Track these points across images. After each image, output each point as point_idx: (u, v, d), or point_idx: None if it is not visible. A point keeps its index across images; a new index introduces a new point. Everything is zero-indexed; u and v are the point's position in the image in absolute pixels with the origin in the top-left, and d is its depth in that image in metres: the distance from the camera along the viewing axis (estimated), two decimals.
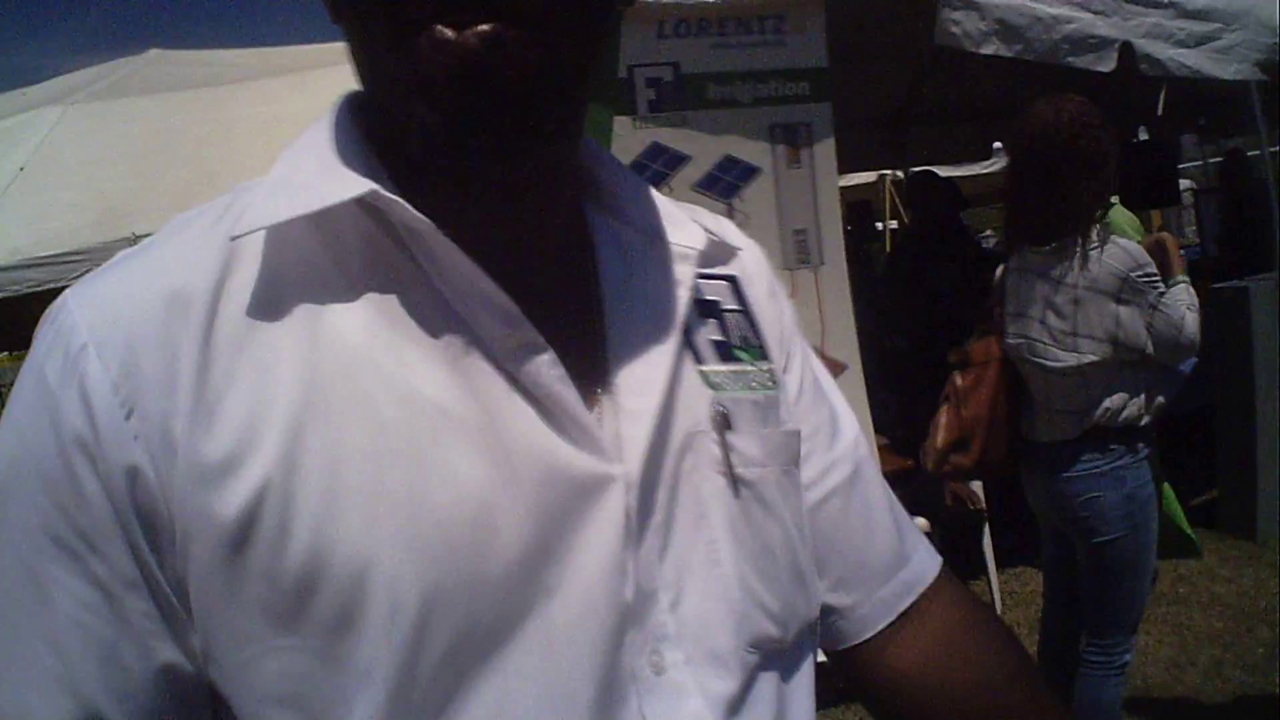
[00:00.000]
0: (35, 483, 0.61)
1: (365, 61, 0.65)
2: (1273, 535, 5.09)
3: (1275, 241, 5.17)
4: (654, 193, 0.83)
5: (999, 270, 3.06)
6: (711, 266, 0.83)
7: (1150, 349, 2.72)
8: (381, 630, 0.60)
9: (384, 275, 0.66)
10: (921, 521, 4.23)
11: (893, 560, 0.89)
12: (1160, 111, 5.40)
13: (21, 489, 0.61)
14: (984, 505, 4.36)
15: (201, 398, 0.60)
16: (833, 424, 0.88)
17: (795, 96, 3.57)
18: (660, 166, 3.37)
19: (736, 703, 0.70)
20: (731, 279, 0.85)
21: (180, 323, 0.62)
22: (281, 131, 5.83)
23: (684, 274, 0.78)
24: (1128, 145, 6.44)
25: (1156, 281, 2.71)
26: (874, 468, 0.91)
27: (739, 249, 0.88)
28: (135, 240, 4.20)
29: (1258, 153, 5.89)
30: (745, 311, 0.84)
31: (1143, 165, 4.90)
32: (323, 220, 0.64)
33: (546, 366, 0.66)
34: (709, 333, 0.80)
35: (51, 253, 5.87)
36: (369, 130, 0.70)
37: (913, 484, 4.05)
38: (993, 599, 4.62)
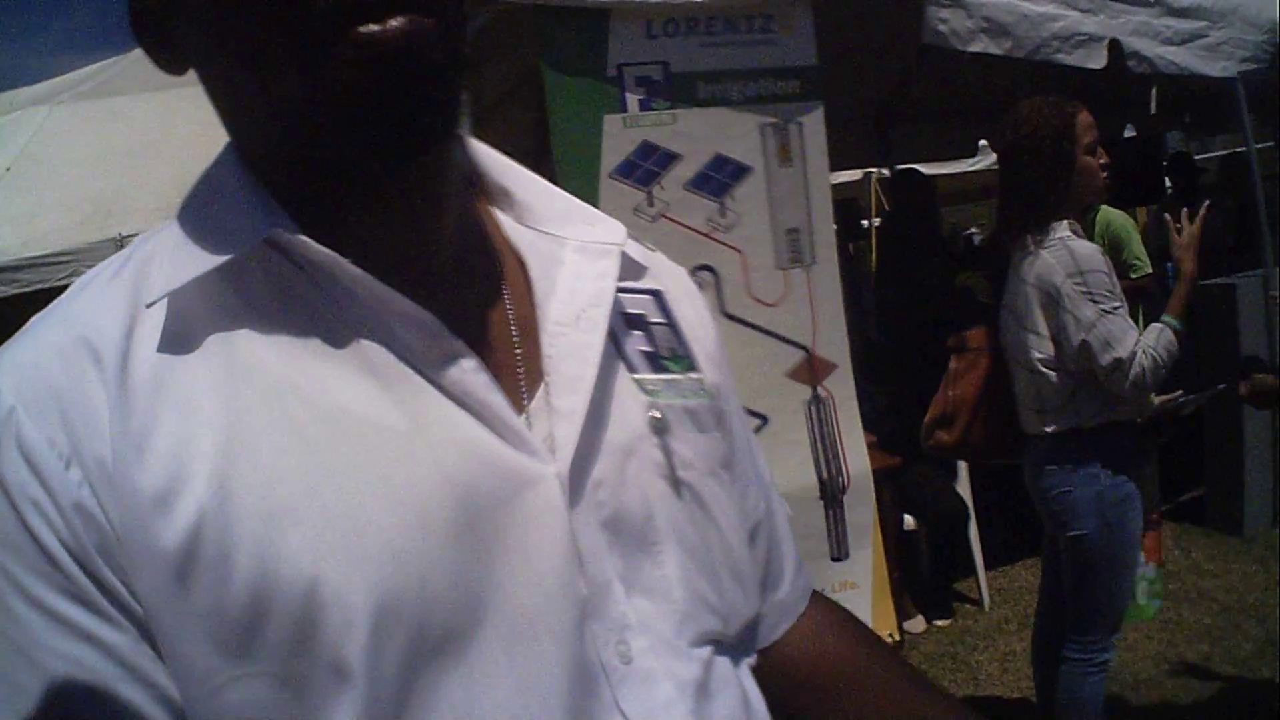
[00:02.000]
0: (4, 556, 0.60)
1: (255, 90, 0.64)
2: (1259, 531, 5.12)
3: (1263, 239, 5.19)
4: (565, 195, 0.85)
5: None
6: (634, 281, 0.84)
7: (1080, 363, 2.73)
8: (339, 645, 0.60)
9: (295, 307, 0.67)
10: (909, 519, 4.26)
11: (793, 572, 0.96)
12: (1153, 110, 5.43)
13: None
14: (970, 503, 4.38)
15: (127, 436, 0.61)
16: (753, 461, 0.93)
17: (786, 95, 3.57)
18: (651, 165, 3.37)
19: (704, 687, 0.73)
20: (655, 293, 0.86)
21: (90, 369, 0.63)
22: None
23: (607, 268, 0.79)
24: (1113, 143, 6.48)
25: (1099, 295, 2.67)
26: (781, 507, 0.98)
27: (660, 265, 0.90)
28: (122, 241, 4.21)
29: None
30: (671, 325, 0.85)
31: (1129, 162, 4.93)
32: (227, 267, 0.65)
33: (471, 373, 0.67)
34: (637, 343, 0.82)
35: (38, 254, 5.85)
36: (257, 172, 0.70)
37: (901, 481, 4.06)
38: (980, 596, 4.64)
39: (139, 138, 6.73)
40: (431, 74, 0.62)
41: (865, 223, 9.18)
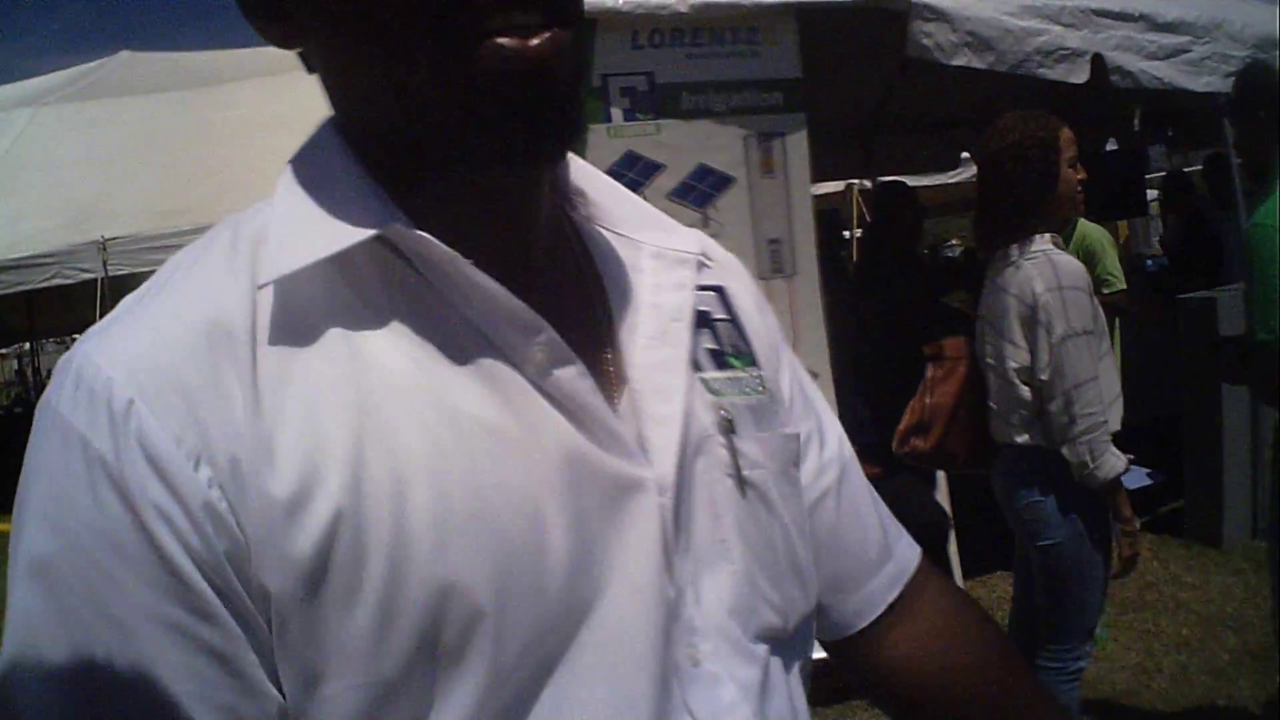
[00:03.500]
0: (114, 563, 0.57)
1: (381, 77, 0.63)
2: (1238, 542, 5.14)
3: (1244, 251, 5.22)
4: (641, 201, 0.85)
5: None
6: (700, 278, 0.83)
7: (1045, 380, 2.70)
8: (462, 648, 0.60)
9: (407, 302, 0.66)
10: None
11: (880, 554, 0.93)
12: (1137, 126, 5.45)
13: (96, 574, 0.57)
14: (950, 512, 4.39)
15: (258, 436, 0.59)
16: (820, 429, 0.91)
17: (769, 106, 3.59)
18: (635, 175, 3.38)
19: (762, 689, 0.73)
20: (718, 289, 0.86)
21: (226, 359, 0.60)
22: (250, 136, 5.84)
23: (685, 278, 0.80)
24: (1095, 157, 6.51)
25: (1073, 314, 2.65)
26: (857, 466, 0.95)
27: (722, 261, 0.90)
28: (104, 244, 4.19)
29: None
30: (734, 321, 0.85)
31: (1110, 176, 4.95)
32: (338, 256, 0.63)
33: (576, 377, 0.67)
34: (704, 341, 0.81)
35: (20, 255, 5.84)
36: (365, 158, 0.69)
37: (881, 490, 4.04)
38: None
39: (123, 141, 6.74)
40: (565, 87, 0.62)
41: (846, 233, 9.22)
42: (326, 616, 0.58)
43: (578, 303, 0.75)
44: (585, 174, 0.83)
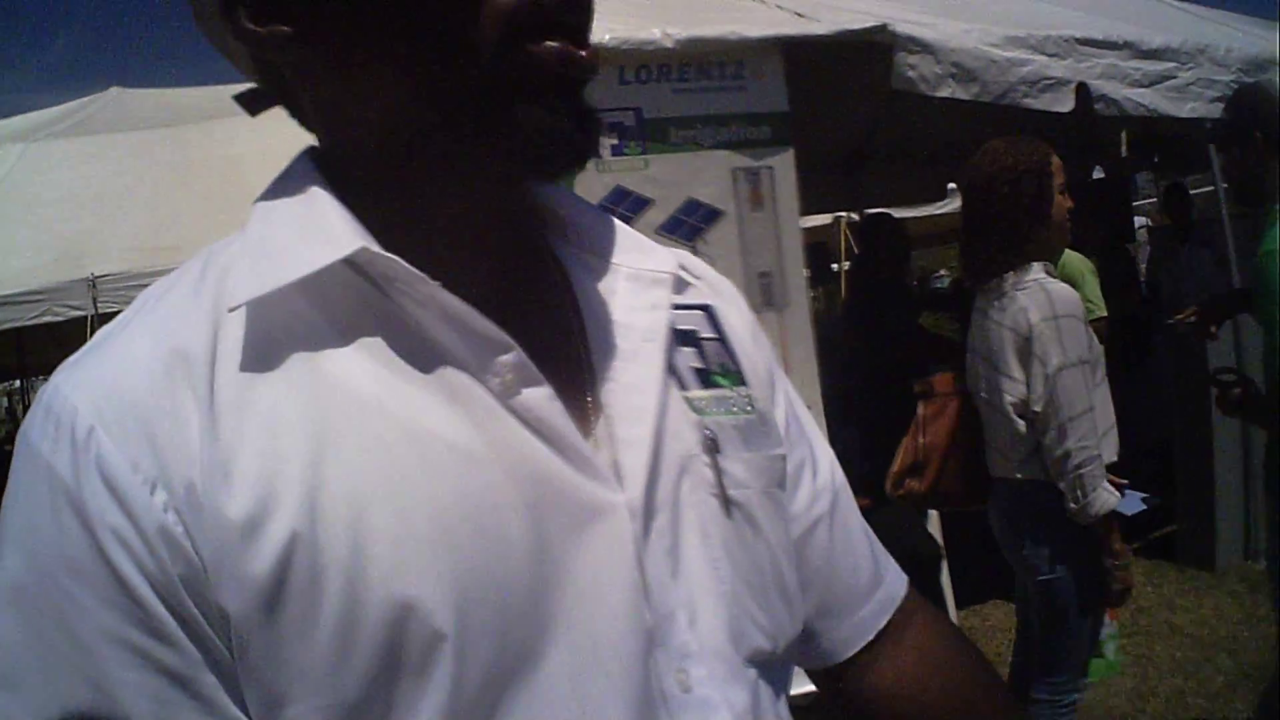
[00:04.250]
0: (74, 584, 0.58)
1: (424, 80, 0.66)
2: (1231, 565, 5.14)
3: (1231, 276, 5.24)
4: (618, 223, 0.85)
5: None
6: (685, 297, 0.85)
7: (1039, 411, 2.67)
8: (424, 667, 0.60)
9: (375, 323, 0.66)
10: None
11: (870, 582, 0.93)
12: (1124, 153, 5.48)
13: (58, 595, 0.58)
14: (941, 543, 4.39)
15: (215, 458, 0.60)
16: (813, 457, 0.91)
17: (757, 140, 3.60)
18: (624, 210, 3.38)
19: (753, 714, 0.73)
20: (705, 308, 0.86)
21: (183, 385, 0.62)
22: (240, 174, 5.84)
23: (661, 298, 0.80)
24: (1083, 185, 6.54)
25: (1069, 344, 2.62)
26: (849, 494, 0.95)
27: (712, 281, 0.91)
28: (94, 281, 4.19)
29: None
30: (721, 340, 0.85)
31: (1097, 204, 4.97)
32: (307, 280, 0.64)
33: (545, 399, 0.68)
34: (689, 360, 0.82)
35: (9, 292, 5.81)
36: (338, 182, 0.70)
37: (873, 521, 4.03)
38: None
39: (113, 178, 6.72)
40: (589, 102, 0.69)
41: (835, 266, 9.24)
42: (286, 638, 0.59)
43: (554, 326, 0.76)
44: (563, 199, 0.84)
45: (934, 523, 4.43)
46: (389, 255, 0.64)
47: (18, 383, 13.85)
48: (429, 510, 0.62)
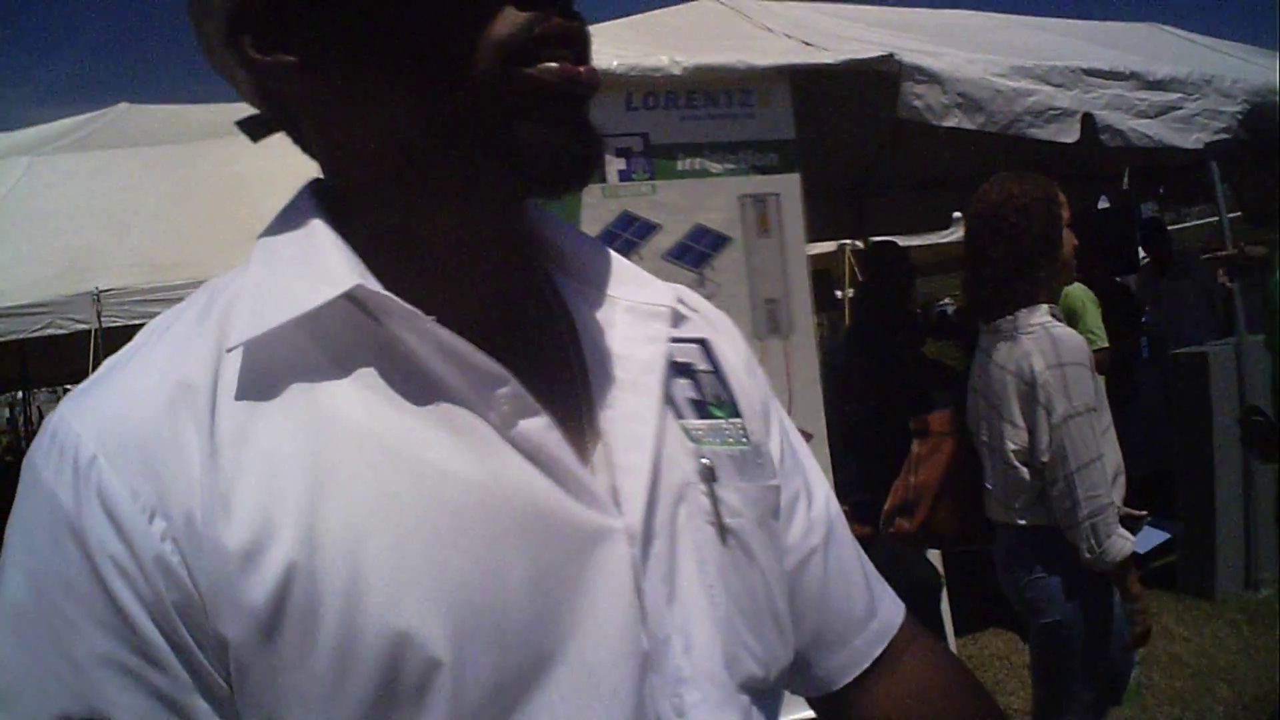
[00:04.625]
0: (71, 607, 0.59)
1: (423, 107, 0.66)
2: (1231, 594, 5.14)
3: (1236, 308, 5.25)
4: (616, 255, 0.87)
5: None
6: (682, 330, 0.85)
7: (1046, 462, 2.58)
8: (421, 696, 0.61)
9: (373, 358, 0.67)
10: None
11: (866, 611, 0.93)
12: (1126, 184, 5.49)
13: (56, 617, 0.60)
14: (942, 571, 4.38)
15: (214, 489, 0.61)
16: (808, 488, 0.92)
17: (764, 167, 3.62)
18: (630, 235, 3.40)
19: None
20: (701, 341, 0.87)
21: (185, 418, 0.63)
22: (246, 192, 5.85)
23: (658, 330, 0.81)
24: (1087, 215, 6.55)
25: (1075, 392, 2.54)
26: (844, 525, 0.95)
27: (708, 315, 0.92)
28: (99, 296, 4.19)
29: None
30: (716, 372, 0.86)
31: (1102, 235, 4.99)
32: (307, 315, 0.65)
33: (542, 428, 0.68)
34: (685, 390, 0.82)
35: (13, 304, 5.82)
36: (339, 218, 0.71)
37: (873, 549, 4.03)
38: None
39: (119, 193, 6.73)
40: (590, 119, 0.69)
41: (839, 293, 9.26)
42: (285, 665, 0.60)
43: (554, 357, 0.77)
44: (562, 231, 0.85)
45: (934, 551, 4.42)
46: (384, 293, 0.65)
47: (19, 394, 13.85)
48: (425, 541, 0.63)
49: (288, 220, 0.73)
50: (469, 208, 0.71)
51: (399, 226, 0.71)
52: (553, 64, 0.66)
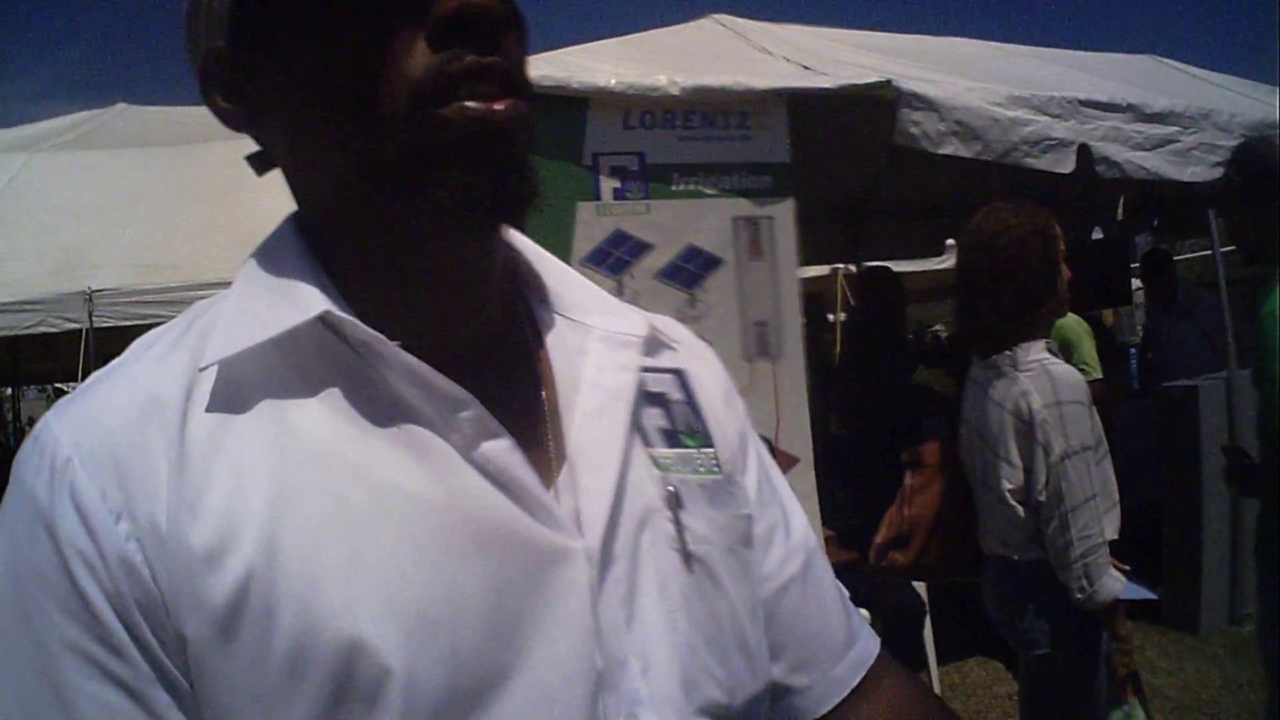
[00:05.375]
0: (42, 595, 0.63)
1: (350, 150, 0.69)
2: (1215, 629, 5.13)
3: (1227, 342, 5.26)
4: (593, 286, 0.90)
5: None
6: (657, 359, 0.88)
7: (1042, 501, 2.57)
8: (372, 704, 0.63)
9: (342, 380, 0.71)
10: (864, 613, 4.20)
11: (844, 640, 0.94)
12: (1121, 216, 5.49)
13: (29, 603, 0.63)
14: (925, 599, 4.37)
15: (182, 495, 0.64)
16: (785, 519, 0.93)
17: (758, 190, 3.62)
18: (623, 254, 3.40)
19: None
20: (677, 371, 0.90)
21: (155, 429, 0.66)
22: (241, 196, 5.82)
23: (629, 359, 0.84)
24: (1081, 245, 6.54)
25: (1071, 431, 2.53)
26: (822, 555, 0.97)
27: (687, 345, 0.94)
28: (91, 295, 4.19)
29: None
30: (690, 403, 0.88)
31: (1095, 265, 4.98)
32: (280, 338, 0.69)
33: (504, 450, 0.71)
34: (656, 419, 0.85)
35: (7, 300, 5.80)
36: (317, 246, 0.75)
37: (858, 576, 4.04)
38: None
39: (115, 193, 6.73)
40: (522, 153, 0.70)
41: (830, 317, 9.26)
42: (241, 665, 0.62)
43: (525, 383, 0.80)
44: (540, 259, 0.89)
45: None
46: (353, 319, 0.69)
47: (9, 390, 13.83)
48: (381, 554, 0.65)
49: (269, 249, 0.77)
50: (415, 245, 0.72)
51: (365, 257, 0.74)
52: (469, 103, 0.66)
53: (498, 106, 0.67)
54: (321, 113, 0.70)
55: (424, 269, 0.74)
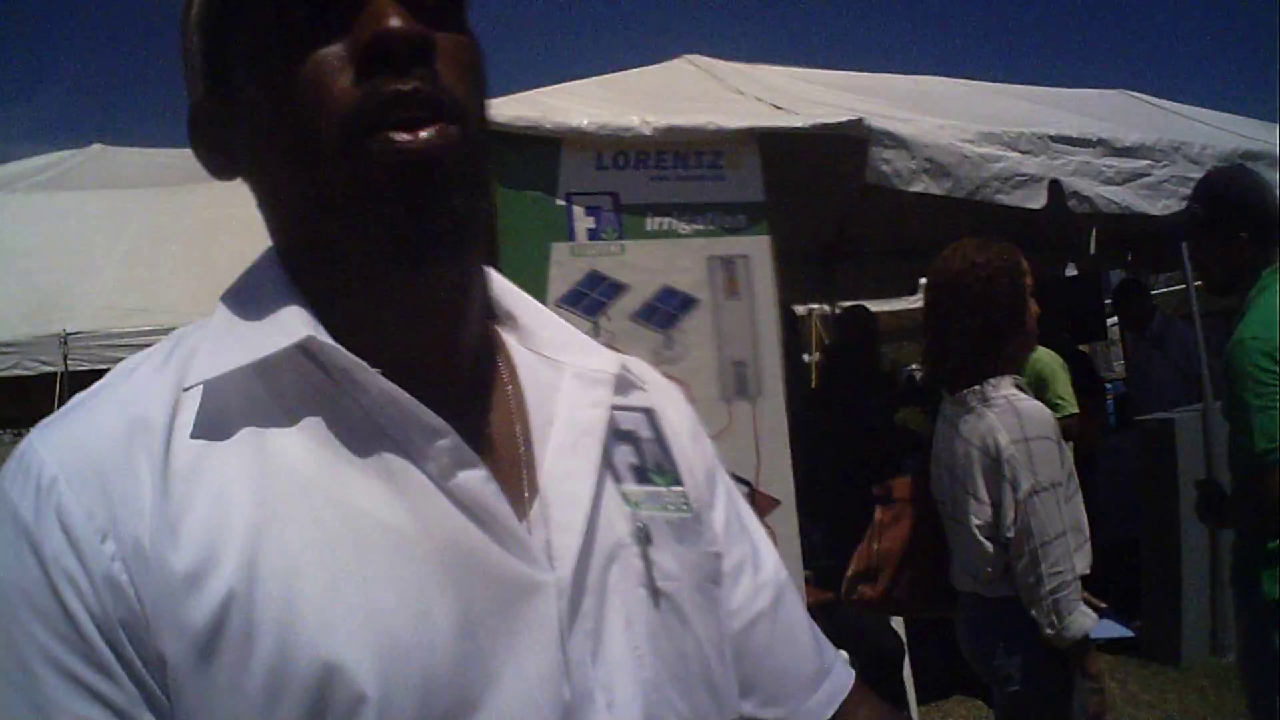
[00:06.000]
0: (27, 613, 0.63)
1: (296, 188, 0.72)
2: (1197, 660, 5.13)
3: (1202, 375, 5.28)
4: (567, 325, 0.91)
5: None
6: (628, 398, 0.89)
7: (1011, 538, 2.55)
8: None
9: (321, 407, 0.72)
10: (842, 654, 4.16)
11: (817, 674, 0.95)
12: (1093, 250, 5.52)
13: (12, 621, 0.63)
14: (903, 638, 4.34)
15: (164, 517, 0.65)
16: (755, 554, 0.94)
17: (733, 228, 3.62)
18: (598, 295, 3.40)
19: None
20: (647, 410, 0.91)
21: (140, 450, 0.67)
22: (217, 239, 5.80)
23: (601, 396, 0.85)
24: (1055, 281, 6.57)
25: (1039, 467, 2.52)
26: (794, 591, 0.98)
27: (656, 386, 0.95)
28: (65, 338, 4.16)
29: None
30: (659, 441, 0.90)
31: (1069, 301, 5.00)
32: (261, 364, 0.70)
33: (480, 481, 0.72)
34: (626, 456, 0.86)
35: None
36: (295, 276, 0.76)
37: (834, 617, 4.01)
38: None
39: (90, 234, 6.71)
40: (455, 180, 0.69)
41: (806, 357, 9.28)
42: (219, 687, 0.63)
43: (500, 416, 0.81)
44: (515, 298, 0.90)
45: (897, 618, 4.39)
46: (333, 344, 0.70)
47: None
48: (357, 581, 0.66)
49: (251, 278, 0.78)
50: (376, 274, 0.73)
51: (335, 287, 0.74)
52: (394, 133, 0.67)
53: (423, 134, 0.67)
54: (272, 150, 0.72)
55: (391, 300, 0.74)
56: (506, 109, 3.34)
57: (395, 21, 0.67)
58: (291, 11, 0.70)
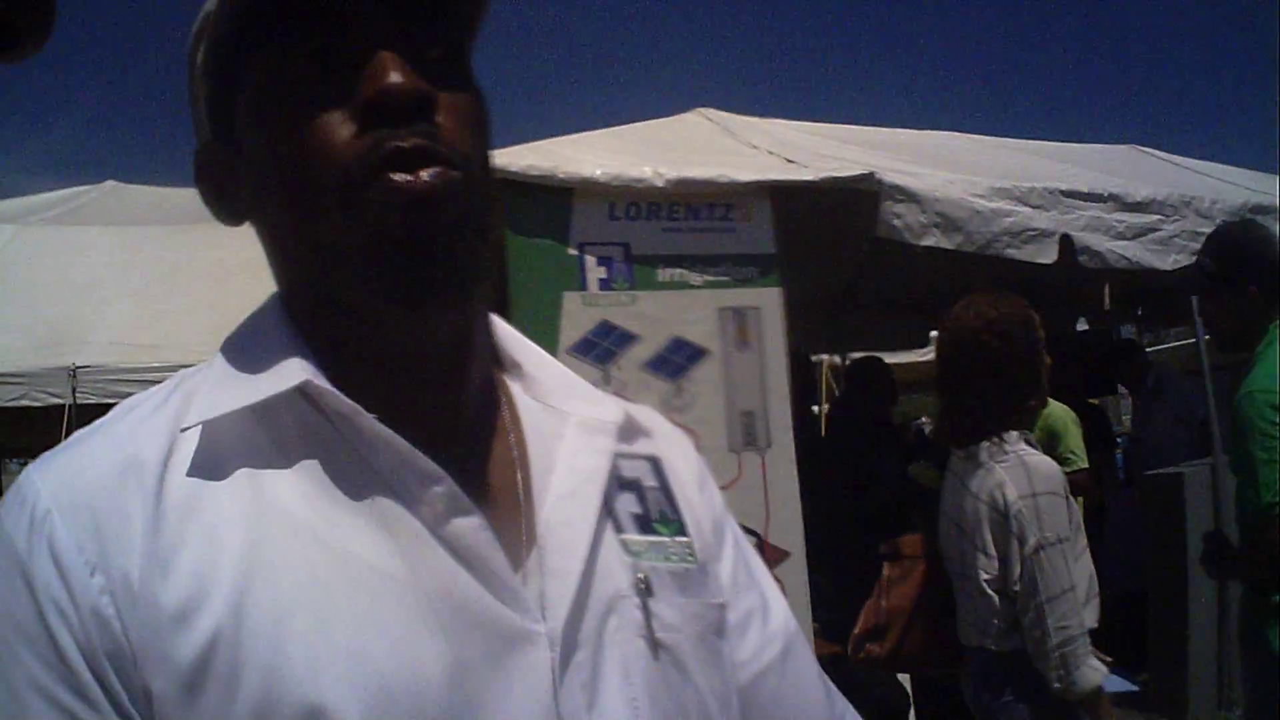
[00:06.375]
0: (15, 639, 0.64)
1: (300, 235, 0.73)
2: (1203, 715, 5.08)
3: (1212, 429, 5.26)
4: (571, 374, 0.92)
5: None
6: (633, 446, 0.89)
7: (1018, 591, 2.55)
8: None
9: (318, 450, 0.72)
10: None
11: None
12: (1107, 305, 5.52)
13: (4, 649, 0.64)
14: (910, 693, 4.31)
15: (155, 554, 0.66)
16: (764, 605, 0.93)
17: (744, 280, 3.62)
18: (609, 345, 3.39)
19: None
20: (652, 459, 0.91)
21: (133, 488, 0.68)
22: (227, 279, 5.83)
23: (604, 444, 0.85)
24: (1065, 336, 6.57)
25: (1047, 522, 2.51)
26: (804, 641, 0.97)
27: (664, 434, 0.95)
28: (74, 371, 4.20)
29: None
30: (664, 490, 0.89)
31: (1080, 356, 4.99)
32: (259, 407, 0.72)
33: (474, 529, 0.71)
34: (629, 505, 0.85)
35: None
36: (298, 322, 0.78)
37: (841, 670, 3.97)
38: None
39: (101, 270, 6.76)
40: (454, 224, 0.70)
41: (816, 408, 9.26)
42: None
43: (500, 463, 0.80)
44: (520, 347, 0.91)
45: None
46: (331, 389, 0.71)
47: None
48: (347, 625, 0.66)
49: (254, 322, 0.80)
50: (378, 320, 0.74)
51: (337, 333, 0.76)
52: (397, 174, 0.68)
53: (423, 175, 0.69)
54: (274, 199, 0.74)
55: (390, 344, 0.75)
56: (520, 158, 3.36)
57: (396, 77, 0.69)
58: (295, 64, 0.72)
